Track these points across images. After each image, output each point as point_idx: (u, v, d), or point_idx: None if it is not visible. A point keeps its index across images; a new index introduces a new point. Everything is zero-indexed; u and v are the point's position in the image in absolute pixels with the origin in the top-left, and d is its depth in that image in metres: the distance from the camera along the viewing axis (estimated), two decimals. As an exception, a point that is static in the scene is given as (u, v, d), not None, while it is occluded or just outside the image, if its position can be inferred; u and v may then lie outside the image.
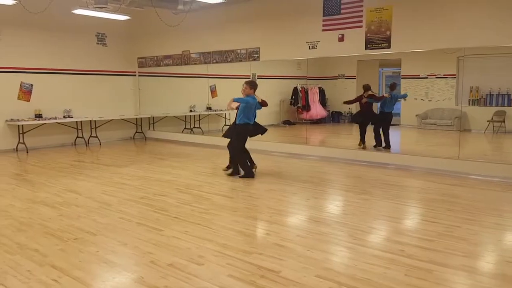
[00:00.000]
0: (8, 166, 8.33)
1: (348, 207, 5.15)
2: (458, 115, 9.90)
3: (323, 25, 8.16)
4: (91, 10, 8.84)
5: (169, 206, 5.19)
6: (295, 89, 12.24)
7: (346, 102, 9.30)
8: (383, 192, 5.89)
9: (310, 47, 8.45)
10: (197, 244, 3.86)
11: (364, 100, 8.76)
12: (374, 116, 8.98)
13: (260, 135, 7.21)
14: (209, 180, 6.68)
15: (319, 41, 8.32)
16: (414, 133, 11.30)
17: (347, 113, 12.18)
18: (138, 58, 12.14)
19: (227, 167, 7.24)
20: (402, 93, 10.29)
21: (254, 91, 6.65)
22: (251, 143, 6.90)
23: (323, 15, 8.14)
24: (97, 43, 11.35)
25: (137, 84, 12.32)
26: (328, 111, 12.64)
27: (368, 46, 7.69)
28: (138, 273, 3.30)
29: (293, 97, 12.36)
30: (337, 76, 11.55)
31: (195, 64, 10.76)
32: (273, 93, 12.57)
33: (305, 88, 12.13)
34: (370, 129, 8.88)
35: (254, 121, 6.91)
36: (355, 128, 9.28)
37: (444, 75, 10.35)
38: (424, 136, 11.04)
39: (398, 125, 11.58)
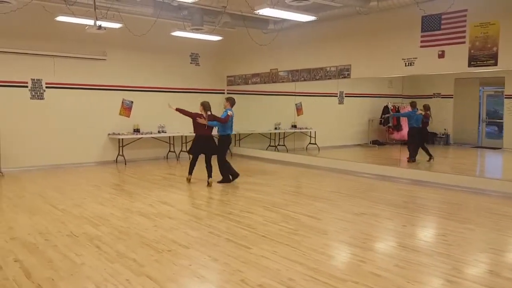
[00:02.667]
0: (109, 176, 8.96)
1: (450, 236, 4.72)
2: None
3: (421, 41, 7.76)
4: (188, 32, 9.33)
5: (256, 223, 5.16)
6: (386, 107, 11.75)
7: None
8: (489, 221, 5.34)
9: (407, 64, 8.06)
10: (287, 266, 3.75)
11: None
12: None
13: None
14: (294, 199, 6.57)
15: (416, 58, 7.91)
16: (519, 158, 10.25)
17: (443, 134, 11.36)
18: (228, 76, 12.52)
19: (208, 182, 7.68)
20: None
21: (231, 105, 7.83)
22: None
23: (422, 31, 7.74)
24: (191, 63, 11.92)
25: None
26: (422, 131, 11.90)
27: (472, 63, 7.14)
28: (229, 291, 3.28)
29: (383, 116, 11.87)
30: (432, 95, 10.87)
31: (283, 82, 10.81)
32: (361, 111, 12.21)
33: (397, 106, 11.60)
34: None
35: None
36: (451, 150, 8.72)
37: (556, 94, 9.34)
38: (532, 161, 9.98)
39: (500, 148, 10.60)
